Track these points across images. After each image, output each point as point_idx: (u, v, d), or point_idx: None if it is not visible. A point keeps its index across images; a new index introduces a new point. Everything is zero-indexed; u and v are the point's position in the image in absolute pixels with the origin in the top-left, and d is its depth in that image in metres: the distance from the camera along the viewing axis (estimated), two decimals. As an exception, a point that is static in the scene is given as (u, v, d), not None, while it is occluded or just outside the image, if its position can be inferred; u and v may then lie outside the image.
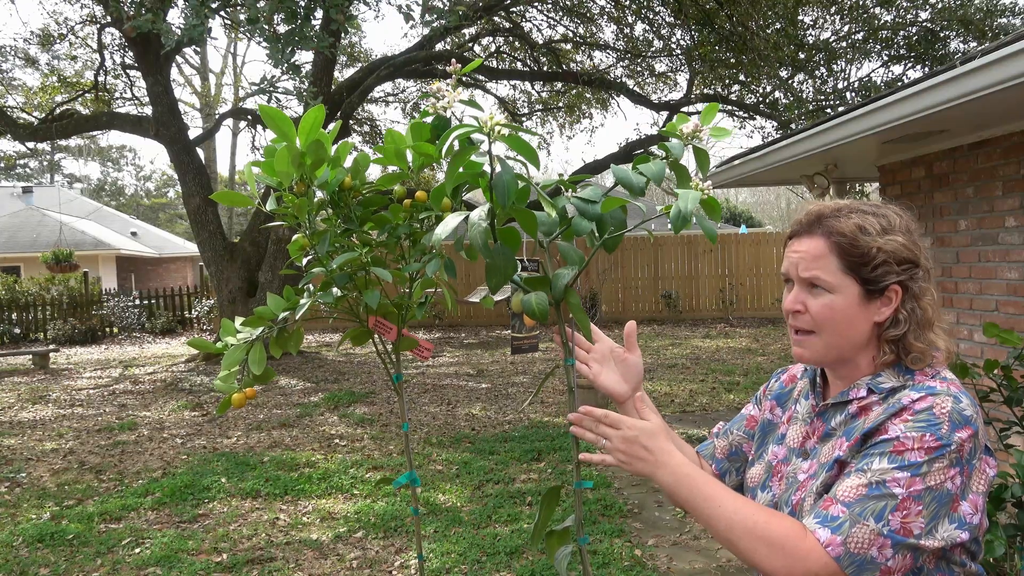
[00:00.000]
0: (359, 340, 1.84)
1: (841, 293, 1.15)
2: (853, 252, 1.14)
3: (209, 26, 7.20)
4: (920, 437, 1.04)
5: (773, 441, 1.33)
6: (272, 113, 1.44)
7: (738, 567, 3.80)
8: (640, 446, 1.16)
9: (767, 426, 1.37)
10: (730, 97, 14.30)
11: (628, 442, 1.17)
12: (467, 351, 12.68)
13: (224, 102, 30.38)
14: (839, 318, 1.15)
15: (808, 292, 1.18)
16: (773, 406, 1.38)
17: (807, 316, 1.18)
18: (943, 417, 1.05)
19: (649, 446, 1.16)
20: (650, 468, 1.16)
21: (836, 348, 1.18)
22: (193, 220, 11.83)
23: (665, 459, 1.16)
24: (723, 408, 7.46)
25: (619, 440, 1.18)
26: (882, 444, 1.06)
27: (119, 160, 46.52)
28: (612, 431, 1.19)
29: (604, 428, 1.20)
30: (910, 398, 1.09)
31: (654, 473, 1.16)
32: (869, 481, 1.04)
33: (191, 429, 7.30)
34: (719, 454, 1.42)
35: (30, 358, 12.77)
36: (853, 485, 1.04)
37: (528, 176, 1.27)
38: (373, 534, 4.39)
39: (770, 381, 1.43)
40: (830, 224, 1.17)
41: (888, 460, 1.04)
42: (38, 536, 4.46)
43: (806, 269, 1.17)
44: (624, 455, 1.17)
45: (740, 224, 25.06)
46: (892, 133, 3.78)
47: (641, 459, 1.17)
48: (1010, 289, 3.79)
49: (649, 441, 1.17)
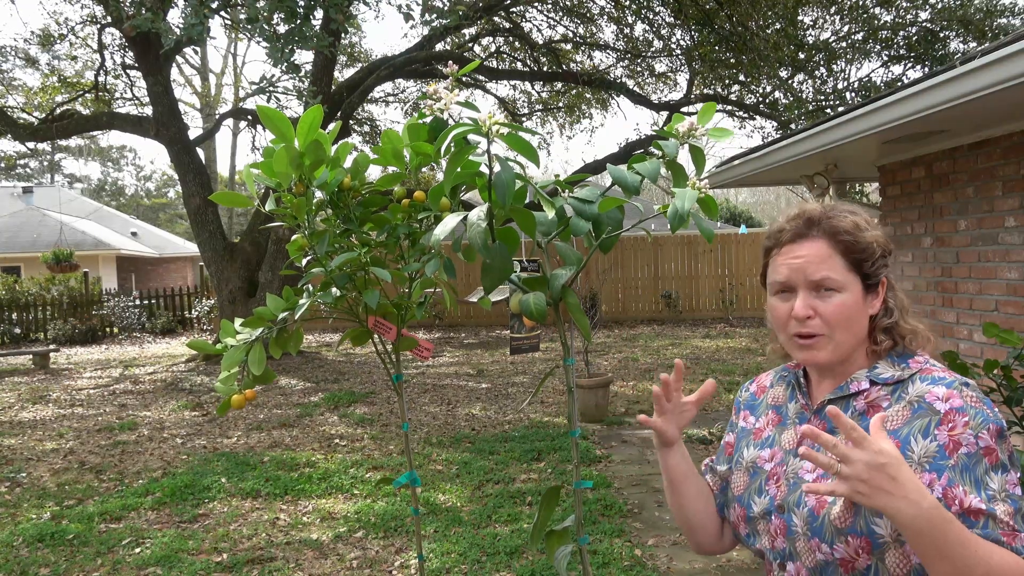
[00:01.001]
0: (359, 340, 1.84)
1: (849, 291, 1.17)
2: (856, 249, 1.17)
3: (208, 26, 7.21)
4: (988, 432, 1.07)
5: (753, 445, 1.32)
6: (271, 113, 1.44)
7: (738, 567, 3.80)
8: (887, 476, 0.97)
9: (742, 433, 1.36)
10: (730, 97, 14.29)
11: (875, 470, 0.97)
12: (467, 351, 12.68)
13: (224, 102, 30.40)
14: (851, 315, 1.17)
15: (816, 295, 1.17)
16: (746, 415, 1.38)
17: (817, 320, 1.17)
18: (978, 404, 1.09)
19: (898, 477, 0.98)
20: (895, 504, 0.97)
21: (846, 345, 1.19)
22: (193, 220, 11.83)
23: (917, 497, 0.98)
24: (723, 408, 7.46)
25: (863, 467, 0.98)
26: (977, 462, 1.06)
27: (119, 160, 46.55)
28: (856, 453, 0.98)
29: (843, 450, 0.99)
30: (933, 395, 1.11)
31: (899, 511, 0.97)
32: (1004, 500, 1.05)
33: (191, 429, 7.30)
34: (714, 489, 1.41)
35: (30, 358, 12.77)
36: (1006, 511, 1.04)
37: (527, 176, 1.28)
38: (373, 534, 4.39)
39: (740, 394, 1.43)
40: (830, 224, 1.18)
41: (995, 472, 1.06)
42: (38, 536, 4.46)
43: (816, 271, 1.16)
44: (867, 486, 0.98)
45: (740, 224, 25.03)
46: (892, 133, 3.78)
47: (887, 492, 0.97)
48: (1010, 289, 3.78)
49: (898, 471, 0.98)
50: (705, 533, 1.39)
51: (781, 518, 1.20)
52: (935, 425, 1.09)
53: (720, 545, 1.40)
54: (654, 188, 22.14)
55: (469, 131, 1.16)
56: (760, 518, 1.24)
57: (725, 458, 1.39)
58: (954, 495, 1.05)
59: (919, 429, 1.10)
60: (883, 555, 1.09)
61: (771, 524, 1.22)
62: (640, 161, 1.28)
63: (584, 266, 1.33)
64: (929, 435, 1.09)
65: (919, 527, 0.98)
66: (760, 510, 1.24)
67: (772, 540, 1.22)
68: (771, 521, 1.22)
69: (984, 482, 1.05)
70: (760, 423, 1.33)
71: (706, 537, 1.39)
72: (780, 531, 1.20)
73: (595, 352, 11.21)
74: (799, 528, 1.16)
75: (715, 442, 6.12)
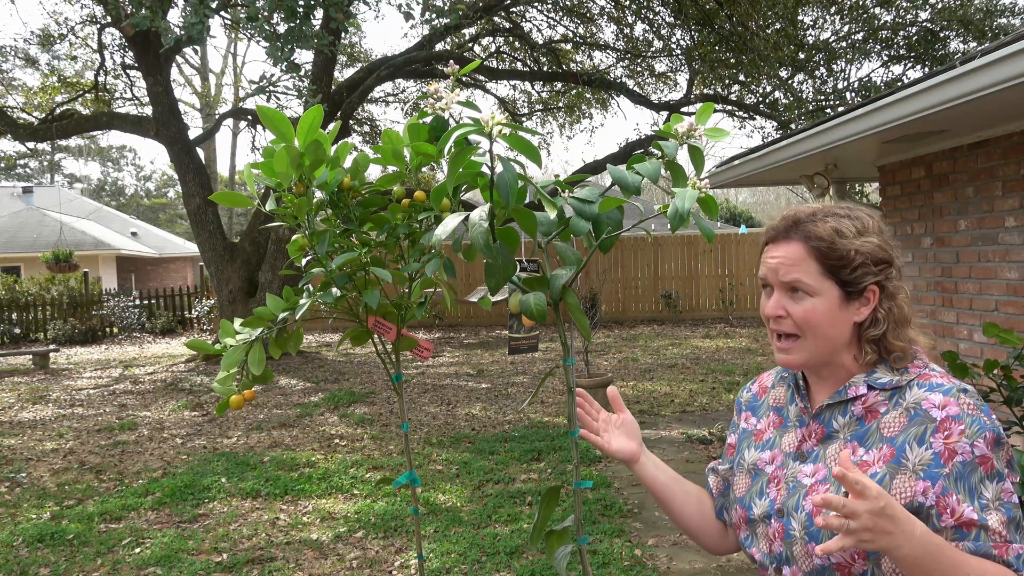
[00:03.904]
0: (359, 340, 1.84)
1: (822, 296, 1.16)
2: (831, 255, 1.15)
3: (208, 25, 7.20)
4: (984, 440, 1.07)
5: (754, 447, 1.32)
6: (270, 114, 1.44)
7: (738, 567, 3.80)
8: (887, 517, 0.97)
9: (744, 435, 1.37)
10: (730, 97, 14.29)
11: (877, 516, 0.97)
12: (467, 351, 12.68)
13: (224, 102, 30.39)
14: (822, 321, 1.16)
15: (789, 297, 1.18)
16: (748, 416, 1.38)
17: (789, 320, 1.18)
18: (975, 411, 1.08)
19: (895, 515, 0.98)
20: (895, 541, 0.98)
21: (820, 351, 1.18)
22: (193, 220, 11.83)
23: (910, 528, 0.99)
24: (723, 408, 7.46)
25: (868, 516, 0.97)
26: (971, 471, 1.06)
27: (119, 160, 46.56)
28: (860, 507, 0.97)
29: (851, 507, 0.98)
30: (930, 402, 1.10)
31: (899, 547, 0.98)
32: (998, 510, 1.05)
33: (191, 429, 7.30)
34: (715, 491, 1.41)
35: (30, 358, 12.77)
36: (999, 521, 1.04)
37: (527, 176, 1.28)
38: (373, 534, 4.39)
39: (742, 394, 1.44)
40: (807, 228, 1.17)
41: (991, 481, 1.06)
42: (38, 536, 4.46)
43: (787, 274, 1.17)
44: (869, 533, 0.97)
45: (740, 224, 25.03)
46: (892, 133, 3.78)
47: (887, 533, 0.98)
48: (1010, 289, 3.78)
49: (893, 509, 0.98)
50: (706, 535, 1.40)
51: (780, 522, 1.20)
52: (931, 433, 1.09)
53: (726, 544, 1.41)
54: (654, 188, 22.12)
55: (471, 131, 1.16)
56: (760, 520, 1.24)
57: (727, 459, 1.40)
58: (947, 504, 1.06)
59: (915, 436, 1.10)
60: (879, 561, 1.10)
61: (770, 527, 1.22)
62: (640, 161, 1.28)
63: (584, 266, 1.33)
64: (924, 443, 1.09)
65: (916, 555, 0.99)
66: (760, 512, 1.24)
67: (770, 544, 1.22)
68: (770, 524, 1.22)
69: (978, 490, 1.05)
70: (761, 424, 1.34)
71: (709, 539, 1.40)
72: (778, 535, 1.20)
73: (595, 352, 11.21)
74: (797, 532, 1.16)
75: (715, 442, 6.12)
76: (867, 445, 1.13)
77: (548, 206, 1.27)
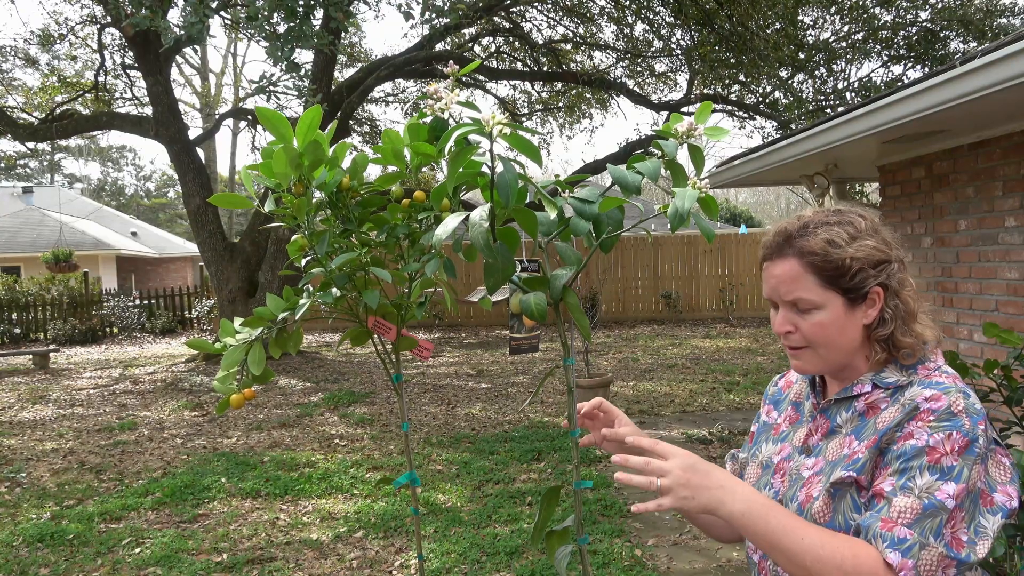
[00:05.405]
0: (359, 340, 1.84)
1: (826, 308, 1.16)
2: (828, 267, 1.15)
3: (208, 25, 7.20)
4: (948, 437, 1.05)
5: (771, 440, 1.34)
6: (269, 114, 1.44)
7: (738, 567, 3.79)
8: (701, 472, 1.03)
9: (763, 428, 1.39)
10: (730, 97, 14.28)
11: (688, 470, 1.02)
12: (467, 351, 12.68)
13: (224, 102, 30.40)
14: (830, 331, 1.17)
15: (795, 312, 1.19)
16: (770, 409, 1.40)
17: (798, 335, 1.19)
18: (961, 413, 1.06)
19: (709, 470, 1.03)
20: (717, 496, 1.03)
21: (833, 358, 1.20)
22: (193, 220, 11.83)
23: (731, 484, 1.03)
24: (723, 408, 7.46)
25: (679, 471, 1.02)
26: (916, 456, 1.05)
27: (119, 160, 46.55)
28: (667, 464, 1.03)
29: (656, 464, 1.03)
30: (922, 396, 1.10)
31: (722, 502, 1.03)
32: (920, 498, 1.03)
33: (191, 429, 7.30)
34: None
35: (30, 358, 12.77)
36: (908, 505, 1.02)
37: (528, 176, 1.28)
38: (373, 534, 4.39)
39: (769, 387, 1.46)
40: (799, 244, 1.17)
41: (930, 472, 1.03)
42: (38, 536, 4.46)
43: (787, 292, 1.18)
44: (687, 489, 1.02)
45: (740, 224, 25.03)
46: (892, 133, 3.78)
47: (706, 487, 1.03)
48: (1010, 289, 3.78)
49: (706, 465, 1.03)
50: (717, 525, 1.40)
51: None
52: (910, 419, 1.09)
53: (735, 532, 1.41)
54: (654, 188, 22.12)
55: (471, 131, 1.16)
56: None
57: (747, 447, 1.42)
58: (879, 475, 1.07)
59: (897, 423, 1.10)
60: None
61: None
62: (640, 161, 1.28)
63: (584, 266, 1.33)
64: (901, 427, 1.09)
65: (740, 510, 1.03)
66: None
67: None
68: None
69: (911, 473, 1.04)
70: (780, 419, 1.35)
71: (715, 530, 1.41)
72: None
73: (595, 352, 11.21)
74: None
75: (715, 442, 6.12)
76: (862, 438, 1.15)
77: (548, 206, 1.27)
